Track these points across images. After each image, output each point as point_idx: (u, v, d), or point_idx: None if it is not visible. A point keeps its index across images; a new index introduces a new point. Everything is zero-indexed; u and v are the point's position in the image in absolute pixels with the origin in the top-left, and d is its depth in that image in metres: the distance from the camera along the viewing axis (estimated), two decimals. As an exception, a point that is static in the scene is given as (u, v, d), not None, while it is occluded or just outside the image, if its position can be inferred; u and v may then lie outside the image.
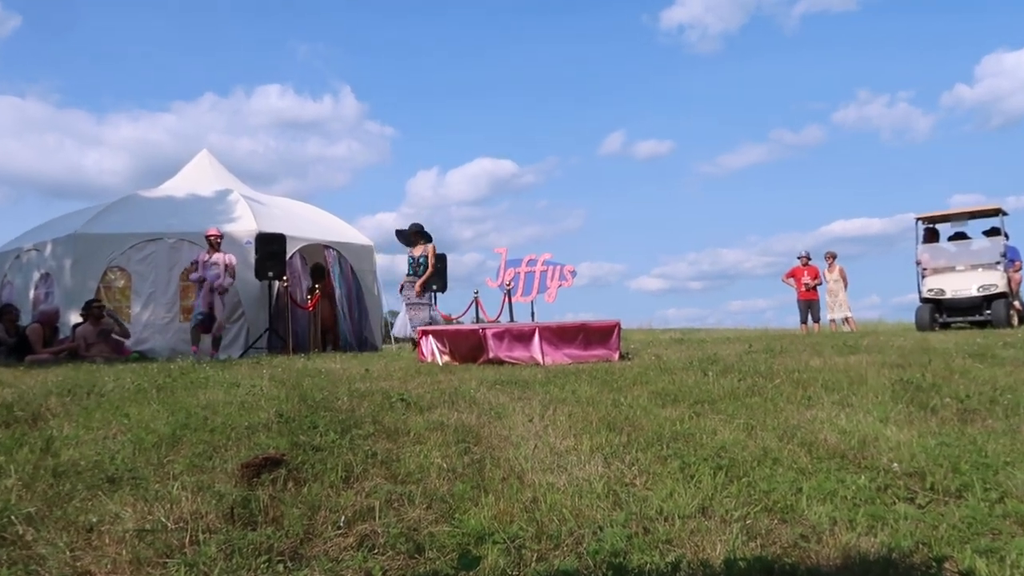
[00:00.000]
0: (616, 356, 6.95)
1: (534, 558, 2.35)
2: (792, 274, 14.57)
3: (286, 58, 58.71)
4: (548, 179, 55.96)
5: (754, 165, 53.18)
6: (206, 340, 10.65)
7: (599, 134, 56.84)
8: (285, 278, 10.91)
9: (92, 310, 10.00)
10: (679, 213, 53.01)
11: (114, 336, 10.12)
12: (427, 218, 58.85)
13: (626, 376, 5.37)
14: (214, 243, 10.57)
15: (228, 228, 11.47)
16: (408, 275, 9.73)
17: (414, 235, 9.92)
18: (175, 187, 13.20)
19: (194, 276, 10.51)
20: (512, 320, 12.51)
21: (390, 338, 15.69)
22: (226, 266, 10.57)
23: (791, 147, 52.69)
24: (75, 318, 10.36)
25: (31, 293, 11.44)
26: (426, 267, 9.65)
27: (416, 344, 8.24)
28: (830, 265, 14.42)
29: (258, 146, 56.31)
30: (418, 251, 9.74)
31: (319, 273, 12.84)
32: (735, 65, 53.84)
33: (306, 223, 13.03)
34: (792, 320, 14.82)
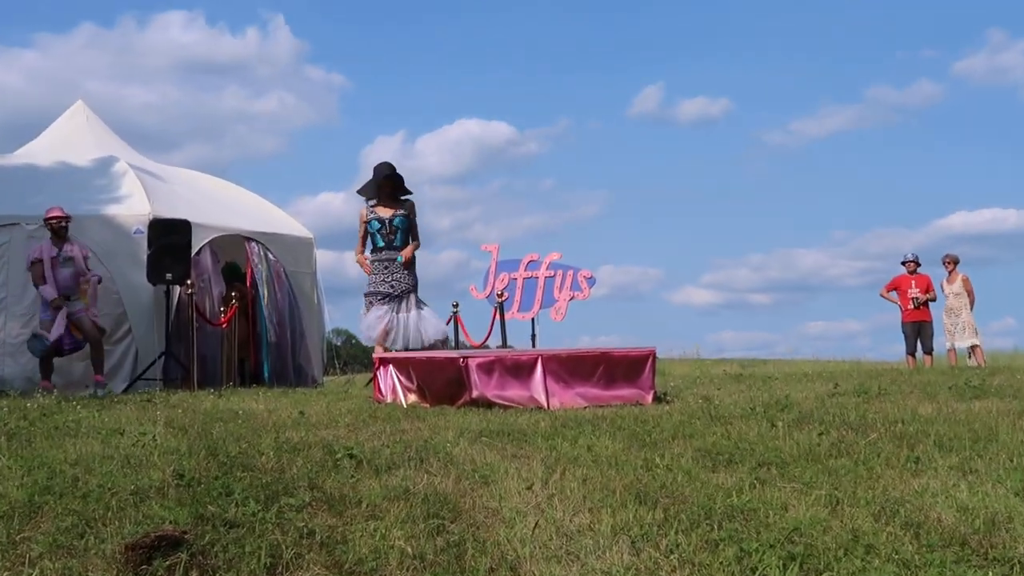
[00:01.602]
0: (649, 397, 6.98)
1: None
2: (895, 285, 14.64)
3: (195, -26, 58.85)
4: (557, 149, 56.16)
5: (842, 133, 53.57)
6: (77, 367, 10.66)
7: (628, 88, 57.26)
8: (189, 282, 10.94)
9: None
10: (738, 198, 53.29)
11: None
12: (389, 199, 58.54)
13: (663, 426, 5.38)
14: (58, 229, 10.39)
15: (112, 211, 11.54)
16: (379, 248, 9.01)
17: (399, 183, 9.09)
18: (38, 152, 13.27)
19: (46, 292, 10.19)
20: (505, 345, 12.51)
21: (334, 366, 15.67)
22: (85, 257, 10.52)
23: (894, 109, 53.10)
24: None
25: None
26: (407, 234, 9.04)
27: (374, 376, 8.18)
28: (949, 274, 14.50)
29: (154, 97, 56.47)
30: (392, 210, 9.04)
31: (237, 276, 12.98)
32: (818, 3, 54.23)
33: (220, 206, 13.10)
34: (895, 349, 14.92)
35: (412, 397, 7.25)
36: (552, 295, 12.89)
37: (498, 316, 12.73)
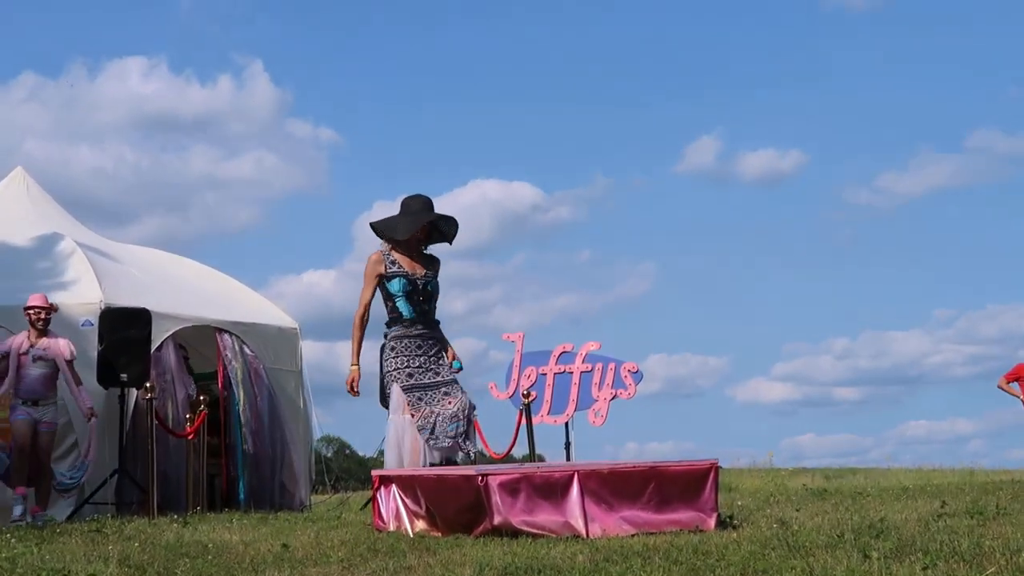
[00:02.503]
0: (712, 522, 6.87)
1: None
2: (1017, 375, 14.49)
3: (157, 15, 60.24)
4: (593, 214, 56.42)
5: (941, 190, 53.58)
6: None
7: (678, 138, 57.73)
8: (149, 384, 10.93)
9: None
10: (816, 271, 53.17)
11: None
12: (390, 279, 58.56)
13: (729, 559, 5.32)
14: (37, 323, 10.60)
15: (56, 299, 11.41)
16: (410, 321, 7.95)
17: (450, 230, 8.20)
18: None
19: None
20: (534, 458, 12.62)
21: (324, 483, 15.54)
22: (68, 360, 10.65)
23: (1005, 159, 53.16)
24: None
25: None
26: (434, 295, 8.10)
27: (373, 497, 8.01)
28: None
29: (107, 160, 57.40)
30: (424, 268, 8.05)
31: (206, 376, 13.02)
32: (904, 28, 54.81)
33: (186, 291, 13.29)
34: (1016, 455, 14.75)
35: (420, 524, 7.17)
36: (590, 394, 12.85)
37: (524, 421, 12.66)
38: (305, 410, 13.87)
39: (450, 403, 7.90)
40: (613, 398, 12.77)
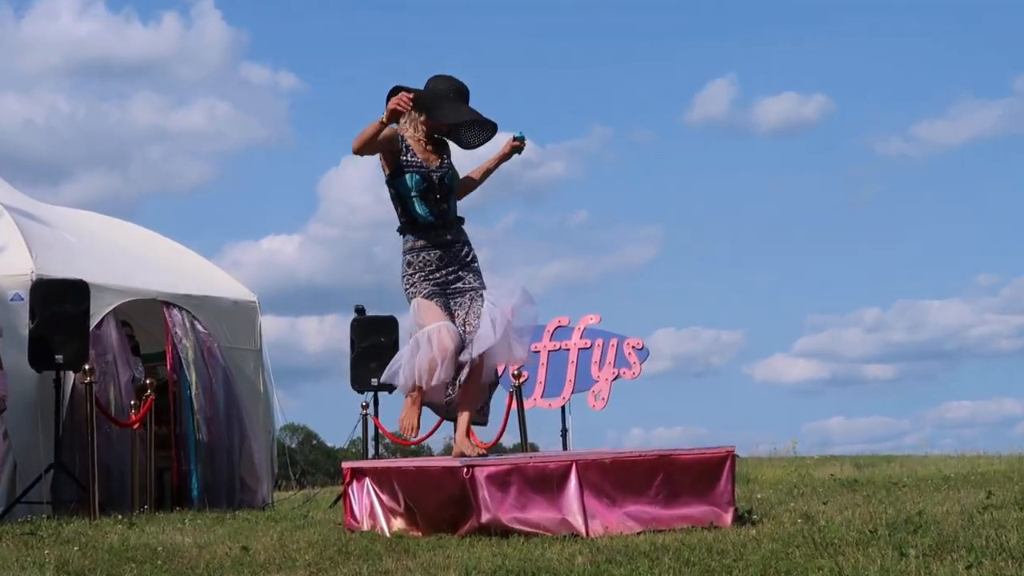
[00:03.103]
0: (728, 517, 6.90)
1: None
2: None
3: (91, -58, 59.73)
4: (591, 170, 55.96)
5: (985, 138, 53.46)
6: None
7: (687, 84, 57.25)
8: (88, 367, 10.93)
9: None
10: (843, 232, 52.94)
11: None
12: (365, 244, 58.56)
13: (748, 559, 5.34)
14: None
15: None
16: (427, 226, 7.43)
17: (485, 126, 7.75)
18: None
19: None
20: (526, 448, 12.46)
21: (288, 478, 15.52)
22: None
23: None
24: None
25: None
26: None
27: (344, 492, 8.07)
28: None
29: (37, 111, 57.00)
30: (439, 158, 7.52)
31: (152, 357, 13.08)
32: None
33: (128, 260, 13.25)
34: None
35: (398, 522, 7.18)
36: (589, 374, 12.85)
37: (514, 405, 12.63)
38: (266, 394, 13.80)
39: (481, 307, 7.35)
40: (615, 378, 12.79)
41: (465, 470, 6.66)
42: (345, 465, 8.16)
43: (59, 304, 10.92)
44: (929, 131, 53.28)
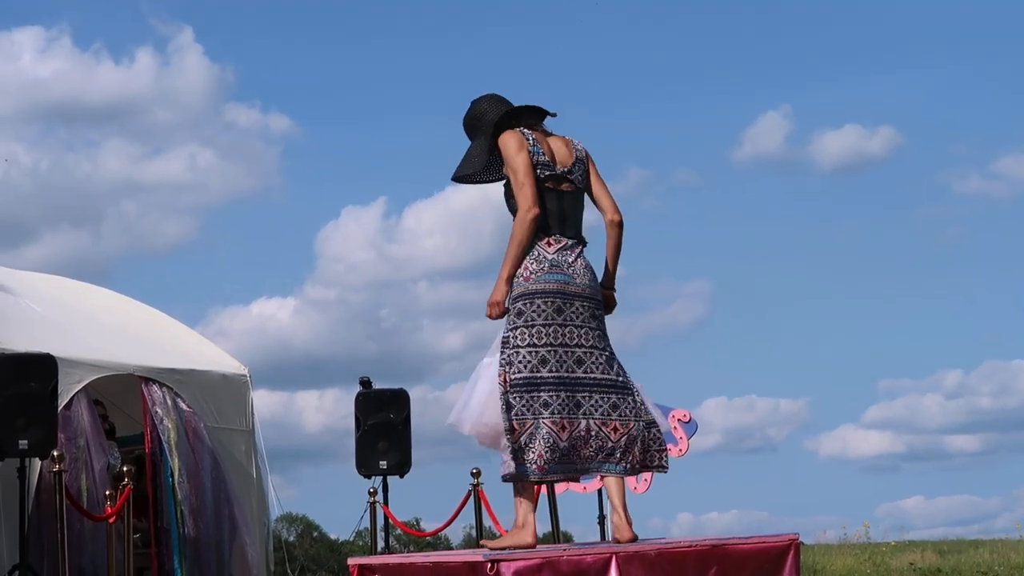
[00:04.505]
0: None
1: None
2: None
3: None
4: (628, 218, 54.98)
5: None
6: None
7: (737, 118, 56.64)
8: (56, 452, 10.47)
9: None
10: (917, 282, 52.10)
11: None
12: (368, 307, 57.64)
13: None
14: None
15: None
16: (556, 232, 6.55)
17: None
18: None
19: None
20: (557, 538, 12.53)
21: (287, 572, 15.02)
22: None
23: None
24: None
25: None
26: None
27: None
28: None
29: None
30: (567, 149, 6.87)
31: (130, 440, 12.80)
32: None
33: (101, 331, 13.09)
34: None
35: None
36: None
37: (544, 489, 11.93)
38: (259, 481, 13.49)
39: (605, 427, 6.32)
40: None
41: (489, 566, 6.26)
42: (351, 561, 7.64)
43: (22, 382, 10.49)
44: (1015, 166, 52.82)
